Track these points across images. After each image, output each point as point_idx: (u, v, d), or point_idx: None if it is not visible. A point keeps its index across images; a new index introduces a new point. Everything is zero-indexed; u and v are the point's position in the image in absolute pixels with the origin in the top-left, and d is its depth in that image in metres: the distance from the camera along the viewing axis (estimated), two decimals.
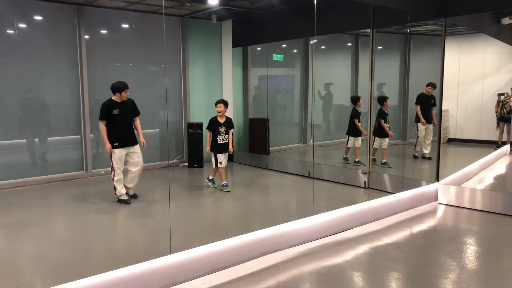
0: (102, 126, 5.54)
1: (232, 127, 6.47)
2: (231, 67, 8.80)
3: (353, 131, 7.51)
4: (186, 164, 8.40)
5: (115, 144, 5.56)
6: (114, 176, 5.63)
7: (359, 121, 7.41)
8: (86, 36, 7.32)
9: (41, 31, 7.04)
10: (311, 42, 8.66)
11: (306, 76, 9.47)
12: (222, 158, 6.30)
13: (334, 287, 3.38)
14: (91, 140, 7.49)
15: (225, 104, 6.36)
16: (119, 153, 5.57)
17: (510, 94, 7.90)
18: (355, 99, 7.60)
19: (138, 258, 3.30)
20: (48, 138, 7.24)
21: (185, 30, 8.41)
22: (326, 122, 9.82)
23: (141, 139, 5.78)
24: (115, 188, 5.69)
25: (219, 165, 6.30)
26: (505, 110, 7.95)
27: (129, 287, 3.12)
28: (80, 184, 6.99)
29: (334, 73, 9.52)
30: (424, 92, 7.34)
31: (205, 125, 8.43)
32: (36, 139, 7.15)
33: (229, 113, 9.03)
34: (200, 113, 8.76)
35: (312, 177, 7.17)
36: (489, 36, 7.37)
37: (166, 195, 5.94)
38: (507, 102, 7.89)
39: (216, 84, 9.02)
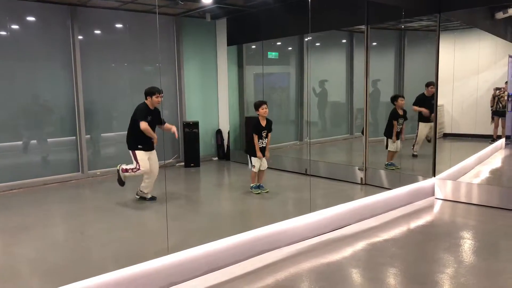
0: (145, 126, 5.46)
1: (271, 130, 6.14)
2: (226, 66, 8.79)
3: (392, 133, 6.95)
4: (183, 163, 8.38)
5: (139, 146, 5.55)
6: (137, 171, 5.61)
7: (398, 123, 6.88)
8: (80, 37, 7.28)
9: (34, 32, 6.99)
10: (306, 39, 8.65)
11: (301, 74, 9.46)
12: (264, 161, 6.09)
13: (332, 284, 3.38)
14: (86, 141, 7.46)
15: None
16: (143, 155, 5.57)
17: (505, 88, 7.92)
18: (394, 98, 6.95)
19: (136, 259, 3.28)
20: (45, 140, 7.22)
21: (179, 29, 8.38)
22: (322, 119, 9.82)
23: (173, 129, 5.74)
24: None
25: (261, 168, 6.07)
26: (500, 105, 7.97)
27: None
28: (77, 186, 6.96)
29: (329, 70, 9.52)
30: (425, 93, 6.87)
31: (201, 124, 8.46)
32: (34, 141, 7.10)
33: (225, 112, 9.05)
34: (196, 112, 8.75)
35: (309, 174, 7.17)
36: (483, 31, 7.38)
37: (164, 195, 5.91)
38: (502, 96, 7.92)
39: (212, 83, 9.01)
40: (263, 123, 5.96)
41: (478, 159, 7.47)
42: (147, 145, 5.59)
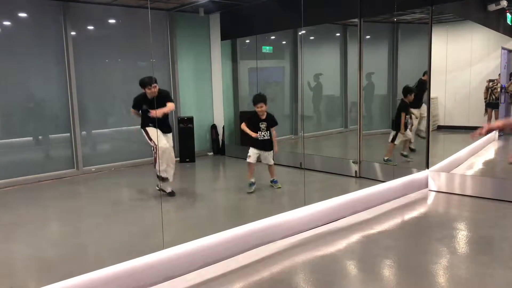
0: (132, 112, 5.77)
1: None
2: (220, 61, 8.77)
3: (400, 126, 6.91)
4: (178, 159, 8.38)
5: (150, 124, 5.60)
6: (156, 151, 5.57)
7: (406, 115, 6.83)
8: (73, 33, 7.23)
9: (26, 28, 6.94)
10: (300, 33, 8.64)
11: (295, 68, 9.46)
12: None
13: (327, 276, 3.41)
14: (81, 137, 7.44)
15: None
16: (155, 131, 5.56)
17: (498, 80, 7.96)
18: (406, 91, 6.87)
19: (132, 254, 3.30)
20: (38, 137, 7.19)
21: (172, 24, 8.35)
22: (316, 113, 9.83)
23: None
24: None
25: (264, 162, 6.11)
26: (493, 96, 8.01)
27: (122, 283, 3.11)
28: (72, 182, 6.95)
29: (324, 64, 9.52)
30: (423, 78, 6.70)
31: (195, 120, 8.45)
32: (28, 139, 7.08)
33: (219, 107, 9.04)
34: (190, 108, 8.74)
35: (303, 168, 7.19)
36: (476, 23, 7.40)
37: (158, 191, 5.92)
38: (496, 88, 7.96)
39: (206, 78, 8.99)
40: (262, 116, 5.91)
41: (472, 151, 7.52)
42: (159, 126, 5.55)
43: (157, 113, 5.35)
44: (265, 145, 5.95)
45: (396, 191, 5.53)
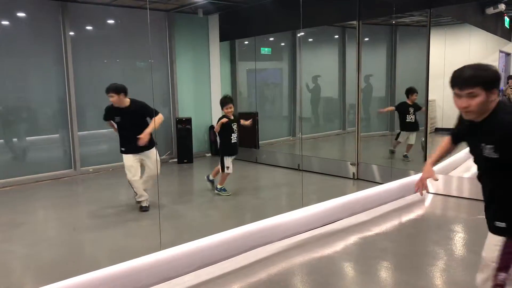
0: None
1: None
2: (219, 62, 8.77)
3: (406, 126, 7.06)
4: (176, 160, 8.38)
5: (122, 149, 5.16)
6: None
7: (409, 114, 6.91)
8: (71, 33, 7.23)
9: (24, 28, 6.93)
10: (298, 35, 8.66)
11: (294, 69, 9.48)
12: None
13: (324, 278, 3.41)
14: (79, 138, 7.42)
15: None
16: (127, 159, 5.14)
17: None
18: (408, 92, 6.93)
19: (129, 255, 3.30)
20: (36, 137, 7.16)
21: (171, 25, 8.35)
22: (314, 115, 9.85)
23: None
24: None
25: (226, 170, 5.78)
26: None
27: (119, 284, 3.11)
28: (69, 183, 6.94)
29: (322, 66, 9.54)
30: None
31: (194, 120, 8.45)
32: (27, 138, 7.08)
33: (218, 108, 9.03)
34: (189, 109, 8.74)
35: (301, 170, 7.20)
36: (473, 26, 7.43)
37: (156, 192, 5.91)
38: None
39: (204, 79, 8.99)
40: (232, 117, 5.70)
41: (469, 153, 7.52)
42: (130, 146, 5.04)
43: (143, 137, 4.88)
44: (237, 148, 5.80)
45: (393, 193, 5.53)
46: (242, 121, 5.88)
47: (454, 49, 7.43)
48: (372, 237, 4.29)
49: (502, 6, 7.02)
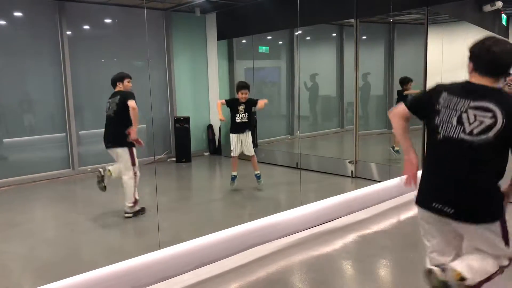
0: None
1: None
2: (217, 60, 8.76)
3: None
4: (174, 159, 8.37)
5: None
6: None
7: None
8: (68, 32, 7.20)
9: (21, 27, 6.91)
10: (296, 33, 8.66)
11: (292, 68, 9.47)
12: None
13: (323, 276, 3.41)
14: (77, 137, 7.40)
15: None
16: None
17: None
18: (403, 81, 6.84)
19: (127, 255, 3.29)
20: (34, 137, 7.15)
21: (168, 23, 8.33)
22: (313, 113, 9.85)
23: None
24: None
25: (245, 153, 5.97)
26: None
27: (118, 284, 3.11)
28: (67, 182, 6.92)
29: (320, 64, 9.54)
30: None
31: (192, 119, 8.44)
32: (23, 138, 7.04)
33: (216, 106, 9.01)
34: (187, 107, 8.72)
35: (299, 168, 7.20)
36: (471, 23, 7.43)
37: (154, 191, 5.90)
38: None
39: (202, 78, 8.98)
40: (242, 100, 5.90)
41: None
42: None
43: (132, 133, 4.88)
44: (241, 127, 5.97)
45: (392, 191, 5.53)
46: (260, 101, 5.93)
47: (452, 46, 7.42)
48: (371, 235, 4.29)
49: (499, 4, 7.03)
